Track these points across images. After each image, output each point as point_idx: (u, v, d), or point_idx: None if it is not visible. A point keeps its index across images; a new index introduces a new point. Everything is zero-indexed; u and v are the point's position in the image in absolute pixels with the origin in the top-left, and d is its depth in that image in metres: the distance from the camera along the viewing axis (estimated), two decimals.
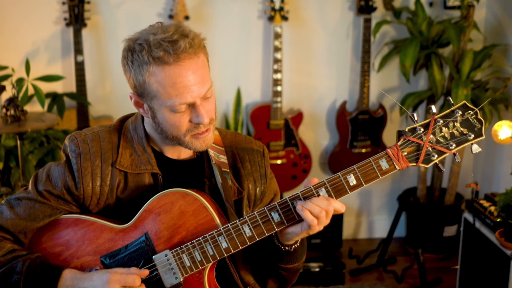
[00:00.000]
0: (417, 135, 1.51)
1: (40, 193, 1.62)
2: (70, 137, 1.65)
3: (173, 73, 1.51)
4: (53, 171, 1.64)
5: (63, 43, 3.55)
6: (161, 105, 1.55)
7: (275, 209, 1.52)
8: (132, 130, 1.67)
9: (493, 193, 2.95)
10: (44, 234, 1.64)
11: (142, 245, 1.58)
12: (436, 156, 1.52)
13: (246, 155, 1.75)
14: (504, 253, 2.65)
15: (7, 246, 1.59)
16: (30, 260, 1.56)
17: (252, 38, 3.70)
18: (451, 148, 1.51)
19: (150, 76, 1.53)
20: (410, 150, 1.51)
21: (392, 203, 4.06)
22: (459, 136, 1.51)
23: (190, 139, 1.59)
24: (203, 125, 1.57)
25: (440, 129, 1.51)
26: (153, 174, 1.65)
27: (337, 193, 1.51)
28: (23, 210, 1.61)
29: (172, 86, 1.52)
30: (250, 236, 1.53)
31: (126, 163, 1.63)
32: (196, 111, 1.55)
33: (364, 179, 1.51)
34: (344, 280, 3.50)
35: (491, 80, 3.54)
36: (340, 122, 3.78)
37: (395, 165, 1.50)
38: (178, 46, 1.50)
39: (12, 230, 1.61)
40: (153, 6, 3.57)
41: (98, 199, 1.63)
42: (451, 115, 1.51)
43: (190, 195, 1.57)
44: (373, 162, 1.51)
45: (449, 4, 3.71)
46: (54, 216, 1.63)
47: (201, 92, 1.54)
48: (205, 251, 1.54)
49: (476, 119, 1.51)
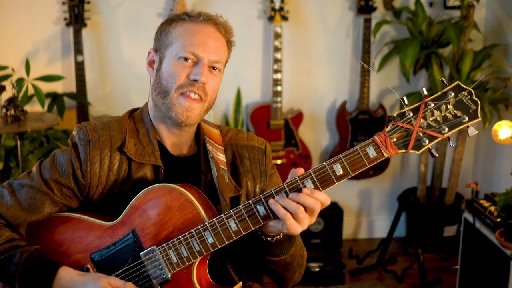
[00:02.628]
0: (407, 119, 1.42)
1: (45, 182, 1.62)
2: (79, 126, 1.65)
3: (197, 27, 1.63)
4: (59, 157, 1.64)
5: (63, 43, 3.55)
6: (172, 53, 1.62)
7: (260, 202, 1.48)
8: (138, 122, 1.70)
9: (493, 193, 2.95)
10: (36, 232, 1.64)
11: (129, 242, 1.57)
12: (428, 141, 1.42)
13: (246, 152, 1.75)
14: (504, 253, 2.65)
15: (6, 234, 1.58)
16: (29, 252, 1.56)
17: (252, 38, 3.70)
18: (444, 132, 1.41)
19: (176, 26, 1.64)
20: (400, 136, 1.43)
21: (392, 203, 4.06)
22: (452, 119, 1.41)
23: (176, 99, 1.60)
24: (197, 87, 1.60)
25: (432, 112, 1.42)
26: (155, 167, 1.65)
27: (324, 183, 1.45)
28: (24, 198, 1.61)
29: (192, 35, 1.62)
30: (236, 230, 1.50)
31: (132, 150, 1.64)
32: (197, 68, 1.60)
33: (351, 168, 1.44)
34: (344, 280, 3.50)
35: (491, 80, 3.54)
36: (340, 122, 3.78)
37: (383, 153, 1.43)
38: (211, 15, 1.66)
39: (11, 221, 1.61)
40: (153, 6, 3.57)
41: (103, 188, 1.63)
42: (443, 97, 1.41)
43: (176, 190, 1.55)
44: (360, 150, 1.43)
45: (449, 4, 3.71)
46: (52, 211, 1.62)
47: (212, 57, 1.62)
48: (191, 246, 1.52)
49: (471, 100, 1.41)
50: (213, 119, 3.66)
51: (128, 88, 3.66)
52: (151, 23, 3.60)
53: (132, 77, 3.62)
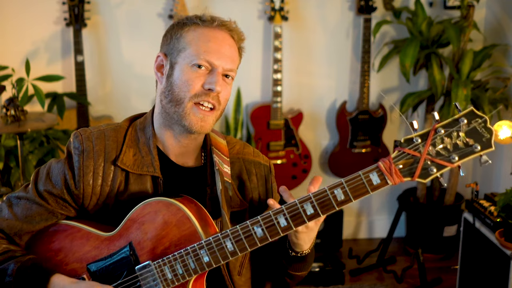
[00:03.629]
0: (414, 146, 1.35)
1: (39, 193, 1.61)
2: (75, 134, 1.63)
3: (212, 33, 1.58)
4: (54, 168, 1.63)
5: (63, 43, 3.55)
6: (185, 59, 1.57)
7: (258, 223, 1.45)
8: (140, 131, 1.65)
9: (493, 193, 2.95)
10: (35, 239, 1.63)
11: (125, 254, 1.55)
12: (435, 170, 1.35)
13: (253, 168, 1.72)
14: (504, 253, 2.65)
15: (1, 246, 1.58)
16: (21, 262, 1.54)
17: (252, 38, 3.70)
18: (454, 161, 1.33)
19: (189, 31, 1.58)
20: (406, 163, 1.36)
21: (392, 203, 4.06)
22: (463, 147, 1.33)
23: (190, 109, 1.56)
24: (212, 96, 1.56)
25: (442, 139, 1.34)
26: (154, 178, 1.62)
27: (324, 208, 1.41)
28: (20, 210, 1.61)
29: (206, 42, 1.56)
30: (232, 251, 1.47)
31: (129, 162, 1.60)
32: (212, 77, 1.55)
33: (352, 195, 1.39)
34: (344, 280, 3.50)
35: (491, 80, 3.54)
36: (340, 122, 3.78)
37: (387, 180, 1.36)
38: (225, 21, 1.61)
39: (7, 232, 1.61)
40: (153, 6, 3.57)
41: (97, 199, 1.61)
42: (454, 124, 1.33)
43: (174, 205, 1.52)
44: (363, 176, 1.38)
45: (449, 4, 3.71)
46: (50, 221, 1.62)
47: (227, 65, 1.58)
48: (187, 264, 1.49)
49: (484, 128, 1.33)
50: None
51: (128, 88, 3.66)
52: (151, 23, 3.61)
53: (132, 77, 3.62)
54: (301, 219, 1.44)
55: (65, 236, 1.61)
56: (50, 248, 1.62)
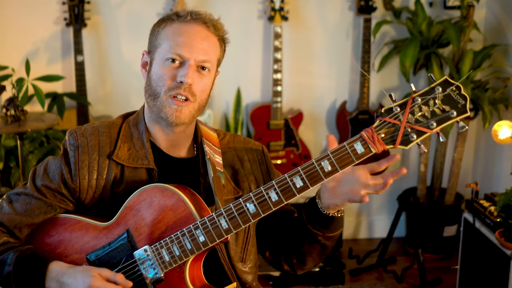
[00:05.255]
0: (394, 115, 1.42)
1: (37, 188, 1.65)
2: (70, 131, 1.69)
3: (184, 28, 1.62)
4: (51, 164, 1.68)
5: (63, 43, 3.55)
6: (160, 54, 1.62)
7: (250, 200, 1.50)
8: (133, 126, 1.71)
9: (493, 193, 2.95)
10: (35, 234, 1.67)
11: (123, 241, 1.59)
12: (416, 136, 1.42)
13: (245, 154, 1.77)
14: (504, 253, 2.65)
15: (2, 239, 1.62)
16: (20, 252, 1.59)
17: (252, 38, 3.70)
18: (432, 127, 1.41)
19: (165, 27, 1.64)
20: (387, 132, 1.43)
21: (392, 203, 4.06)
22: (440, 114, 1.40)
23: (165, 101, 1.61)
24: (184, 88, 1.59)
25: (419, 107, 1.41)
26: (149, 170, 1.66)
27: (312, 180, 1.47)
28: (20, 205, 1.65)
29: (178, 36, 1.61)
30: (227, 228, 1.52)
31: (124, 156, 1.66)
32: (183, 70, 1.60)
33: (339, 165, 1.44)
34: (344, 280, 3.50)
35: (491, 80, 3.54)
36: (340, 122, 3.78)
37: (371, 148, 1.43)
38: (200, 14, 1.65)
39: (8, 225, 1.65)
40: (153, 6, 3.57)
41: (93, 193, 1.65)
42: (430, 92, 1.41)
43: (168, 190, 1.57)
44: (347, 146, 1.44)
45: (449, 4, 3.71)
46: (49, 214, 1.65)
47: (199, 57, 1.61)
48: (183, 245, 1.54)
49: (459, 95, 1.40)
50: (213, 119, 3.66)
51: (128, 88, 3.66)
52: (151, 23, 3.56)
53: (132, 77, 3.62)
54: (291, 192, 1.49)
55: (64, 229, 1.65)
56: (50, 241, 1.65)
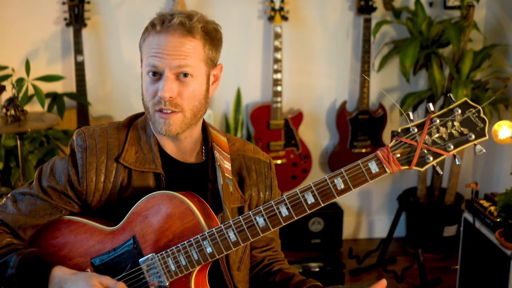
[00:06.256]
0: (411, 135, 1.40)
1: (43, 189, 1.63)
2: (78, 132, 1.65)
3: (154, 39, 1.57)
4: (57, 165, 1.65)
5: (63, 43, 3.55)
6: (143, 69, 1.59)
7: (260, 213, 1.48)
8: (141, 129, 1.68)
9: (493, 193, 2.95)
10: (39, 235, 1.65)
11: (129, 248, 1.57)
12: (432, 158, 1.40)
13: (253, 164, 1.74)
14: (504, 253, 2.65)
15: (5, 240, 1.60)
16: (23, 255, 1.57)
17: (252, 38, 3.70)
18: (449, 150, 1.39)
19: (144, 40, 1.61)
20: (403, 152, 1.41)
21: (392, 203, 4.06)
22: (458, 136, 1.38)
23: (155, 115, 1.58)
24: (165, 102, 1.54)
25: (437, 129, 1.38)
26: (157, 174, 1.64)
27: (324, 197, 1.44)
28: (24, 206, 1.62)
29: (150, 49, 1.56)
30: (235, 241, 1.50)
31: (131, 159, 1.62)
32: (160, 83, 1.55)
33: (352, 183, 1.43)
34: (344, 280, 3.50)
35: (491, 80, 3.54)
36: (340, 122, 3.78)
37: (386, 169, 1.41)
38: (170, 19, 1.57)
39: (12, 225, 1.62)
40: (153, 6, 3.57)
41: (100, 196, 1.63)
42: (449, 114, 1.38)
43: (177, 198, 1.54)
44: (362, 165, 1.42)
45: (449, 4, 3.71)
46: (54, 216, 1.63)
47: (173, 64, 1.53)
48: (190, 255, 1.52)
49: (478, 117, 1.37)
50: (213, 119, 3.66)
51: (128, 88, 3.66)
52: None
53: (132, 77, 3.62)
54: (301, 208, 1.46)
55: (69, 231, 1.63)
56: (54, 243, 1.63)
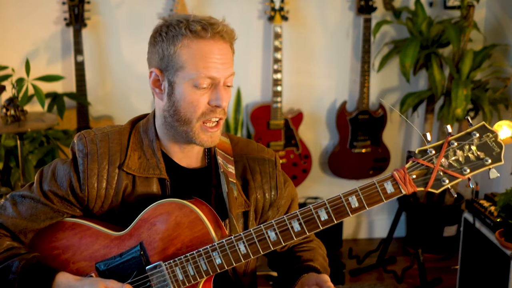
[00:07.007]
0: (428, 157, 1.40)
1: (44, 193, 1.60)
2: (79, 136, 1.62)
3: (206, 47, 1.52)
4: (59, 169, 1.62)
5: (63, 43, 3.55)
6: (184, 78, 1.53)
7: (271, 227, 1.47)
8: (143, 133, 1.65)
9: (493, 193, 2.95)
10: (42, 236, 1.63)
11: (136, 254, 1.55)
12: (448, 181, 1.40)
13: (257, 166, 1.71)
14: (504, 253, 2.65)
15: (5, 243, 1.58)
16: (26, 260, 1.54)
17: (252, 38, 3.70)
18: (465, 173, 1.40)
19: (182, 47, 1.53)
20: (419, 173, 1.41)
21: (392, 203, 4.06)
22: (474, 160, 1.40)
23: (199, 129, 1.55)
24: (219, 111, 1.55)
25: (454, 152, 1.39)
26: (161, 179, 1.62)
27: (338, 214, 1.45)
28: (25, 209, 1.60)
29: (202, 58, 1.52)
30: (245, 254, 1.49)
31: (134, 166, 1.60)
32: (216, 92, 1.54)
33: (366, 202, 1.42)
34: (344, 280, 3.50)
35: (491, 80, 3.54)
36: (340, 122, 3.78)
37: (401, 189, 1.41)
38: (216, 26, 1.54)
39: (12, 229, 1.61)
40: (153, 6, 3.57)
41: (102, 202, 1.60)
42: (467, 137, 1.39)
43: (187, 207, 1.53)
44: (377, 185, 1.41)
45: (449, 4, 3.71)
46: (55, 219, 1.62)
47: (226, 73, 1.55)
48: (199, 265, 1.51)
49: (495, 142, 1.40)
50: None
51: (128, 88, 3.66)
52: (151, 23, 3.57)
53: (132, 77, 3.62)
54: (314, 225, 1.47)
55: (73, 234, 1.61)
56: (57, 245, 1.62)
